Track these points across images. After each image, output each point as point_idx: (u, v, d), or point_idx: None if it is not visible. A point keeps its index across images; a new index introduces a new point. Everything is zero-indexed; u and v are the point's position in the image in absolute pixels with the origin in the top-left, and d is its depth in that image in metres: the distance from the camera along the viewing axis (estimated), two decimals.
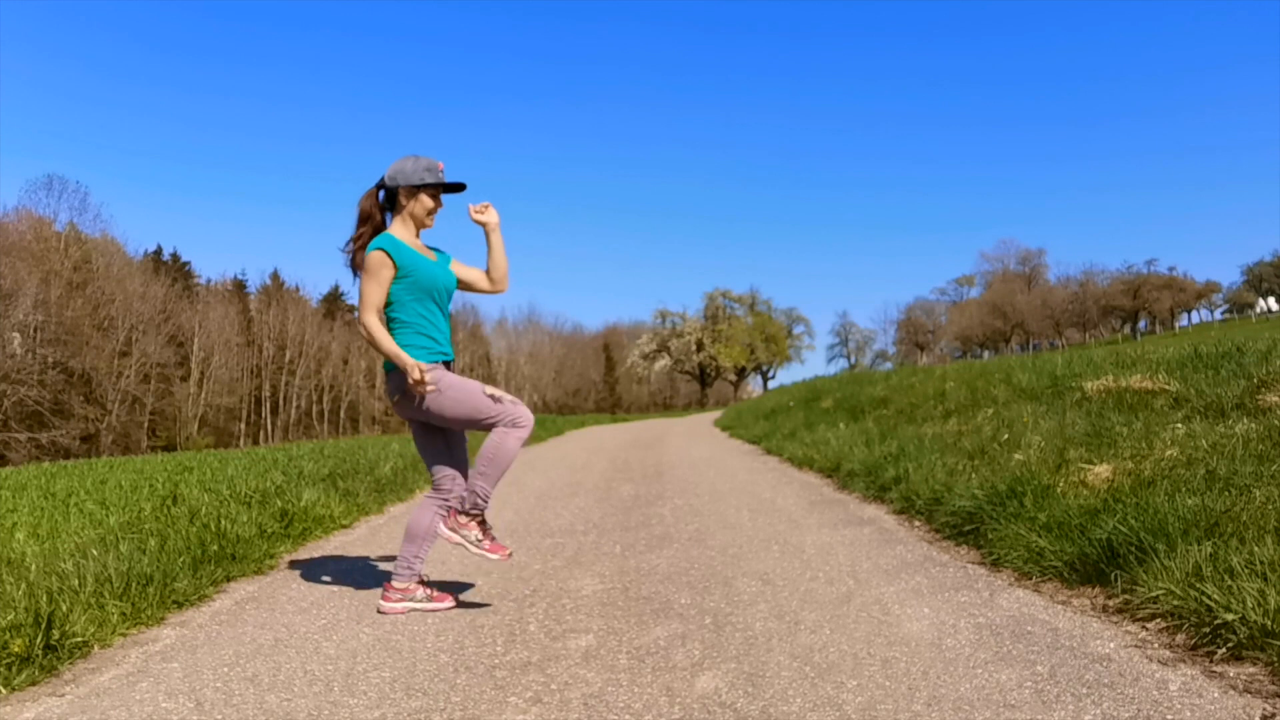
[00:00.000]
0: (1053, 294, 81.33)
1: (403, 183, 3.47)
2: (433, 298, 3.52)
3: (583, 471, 9.39)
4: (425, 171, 3.47)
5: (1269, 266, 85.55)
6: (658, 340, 70.78)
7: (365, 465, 8.80)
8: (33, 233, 45.50)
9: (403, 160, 3.49)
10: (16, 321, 39.08)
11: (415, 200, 3.49)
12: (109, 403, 43.99)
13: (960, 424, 7.47)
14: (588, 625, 3.22)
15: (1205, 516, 3.25)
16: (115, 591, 3.56)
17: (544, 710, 2.41)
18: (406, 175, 3.47)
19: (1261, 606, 2.48)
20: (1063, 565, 3.43)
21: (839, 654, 2.74)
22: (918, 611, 3.17)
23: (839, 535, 4.76)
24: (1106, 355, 9.73)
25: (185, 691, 2.68)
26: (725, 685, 2.52)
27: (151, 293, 49.41)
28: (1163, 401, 6.00)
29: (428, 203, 3.51)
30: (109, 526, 5.27)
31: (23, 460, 32.14)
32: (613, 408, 74.46)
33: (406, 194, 3.49)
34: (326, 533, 5.64)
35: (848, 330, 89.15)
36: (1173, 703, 2.21)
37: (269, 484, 7.10)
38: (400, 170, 3.48)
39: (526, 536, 5.23)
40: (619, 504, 6.51)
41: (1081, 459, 4.72)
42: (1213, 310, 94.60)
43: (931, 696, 2.34)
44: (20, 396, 37.72)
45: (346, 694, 2.60)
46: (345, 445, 15.54)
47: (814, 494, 6.56)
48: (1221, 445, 4.37)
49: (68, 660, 3.00)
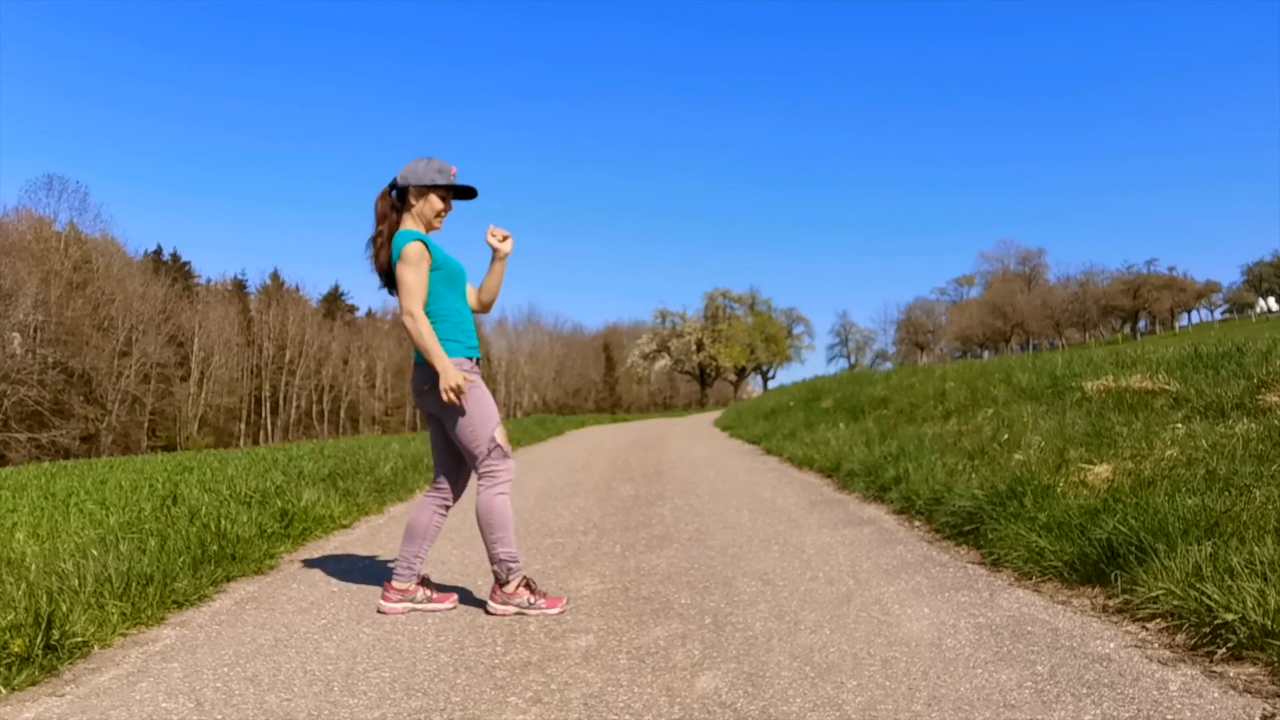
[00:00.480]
0: (1053, 294, 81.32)
1: (414, 182, 3.49)
2: (462, 288, 3.56)
3: (583, 471, 9.39)
4: (436, 173, 3.48)
5: (1269, 266, 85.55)
6: (658, 340, 70.75)
7: (365, 465, 8.80)
8: (33, 233, 45.49)
9: (416, 161, 3.51)
10: (16, 321, 39.08)
11: (425, 201, 3.50)
12: (109, 403, 43.99)
13: (960, 424, 7.47)
14: (588, 625, 3.23)
15: (1205, 516, 3.25)
16: (115, 591, 3.56)
17: (544, 710, 2.41)
18: (418, 175, 3.48)
19: (1261, 606, 2.48)
20: (1063, 565, 3.43)
21: (839, 654, 2.74)
22: (918, 611, 3.17)
23: (839, 535, 4.77)
24: (1106, 355, 9.73)
25: (185, 691, 2.68)
26: (725, 685, 2.52)
27: (151, 293, 49.41)
28: (1163, 401, 6.00)
29: (437, 204, 3.52)
30: (109, 526, 5.27)
31: (23, 460, 32.15)
32: (613, 408, 74.46)
33: (416, 194, 3.50)
34: (326, 533, 5.64)
35: (848, 330, 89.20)
36: (1173, 703, 2.21)
37: (269, 484, 7.10)
38: (412, 170, 3.49)
39: (526, 536, 5.23)
40: (619, 504, 6.51)
41: (1081, 459, 4.72)
42: (1213, 310, 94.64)
43: (931, 696, 2.35)
44: (20, 396, 37.72)
45: (346, 694, 2.60)
46: (345, 445, 15.55)
47: (814, 494, 6.56)
48: (1221, 445, 4.37)
49: (68, 660, 3.00)
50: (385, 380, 71.00)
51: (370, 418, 67.41)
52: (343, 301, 74.39)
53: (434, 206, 3.52)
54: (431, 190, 3.50)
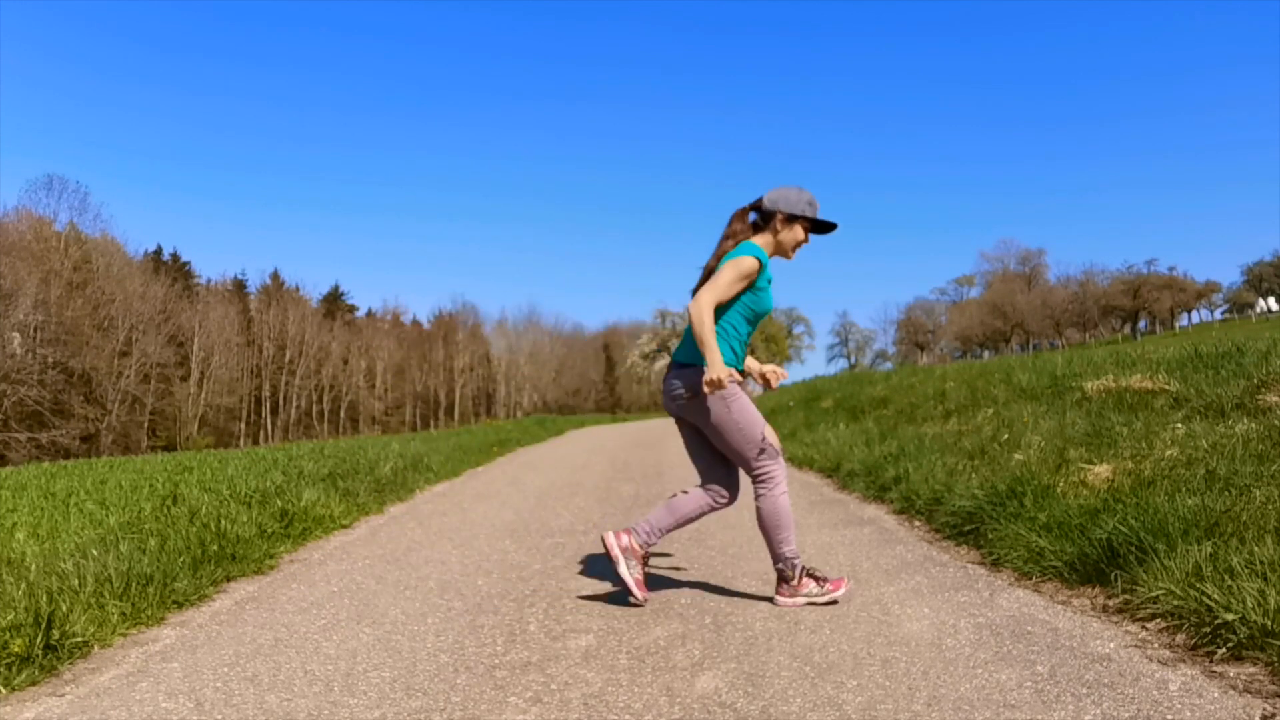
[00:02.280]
0: (1053, 294, 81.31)
1: (784, 209, 3.46)
2: (755, 322, 3.54)
3: (583, 471, 9.39)
4: (807, 205, 3.47)
5: (1269, 266, 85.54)
6: (658, 340, 70.66)
7: (365, 465, 8.79)
8: (33, 233, 45.51)
9: (787, 188, 3.50)
10: (16, 321, 39.08)
11: (790, 229, 3.48)
12: (109, 403, 44.00)
13: (960, 424, 7.47)
14: (588, 625, 3.23)
15: (1205, 516, 3.25)
16: (115, 591, 3.56)
17: (544, 710, 2.41)
18: (790, 203, 3.46)
19: (1261, 606, 2.48)
20: (1063, 565, 3.43)
21: (839, 654, 2.74)
22: (918, 611, 3.18)
23: (839, 535, 4.77)
24: (1106, 355, 9.73)
25: (185, 691, 2.68)
26: (725, 685, 2.52)
27: (151, 293, 49.44)
28: (1163, 401, 6.00)
29: (799, 234, 3.50)
30: (109, 526, 5.27)
31: (23, 460, 32.14)
32: (613, 408, 74.45)
33: (784, 220, 3.48)
34: (326, 533, 5.64)
35: (848, 330, 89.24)
36: (1173, 703, 2.21)
37: (269, 484, 7.10)
38: (784, 196, 3.48)
39: (526, 536, 5.23)
40: (619, 504, 6.51)
41: (1081, 459, 4.72)
42: (1213, 310, 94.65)
43: (931, 696, 2.35)
44: (20, 396, 37.72)
45: (346, 694, 2.60)
46: (345, 445, 15.53)
47: (814, 494, 6.56)
48: (1221, 445, 4.37)
49: (68, 660, 3.00)
50: (385, 380, 71.04)
51: (370, 418, 67.44)
52: (343, 301, 74.43)
53: (797, 237, 3.49)
54: (799, 221, 3.48)
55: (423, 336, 76.07)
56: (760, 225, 3.53)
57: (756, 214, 3.54)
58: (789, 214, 3.46)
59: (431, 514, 6.46)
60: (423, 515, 6.42)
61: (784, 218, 3.47)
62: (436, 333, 76.14)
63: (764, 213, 3.51)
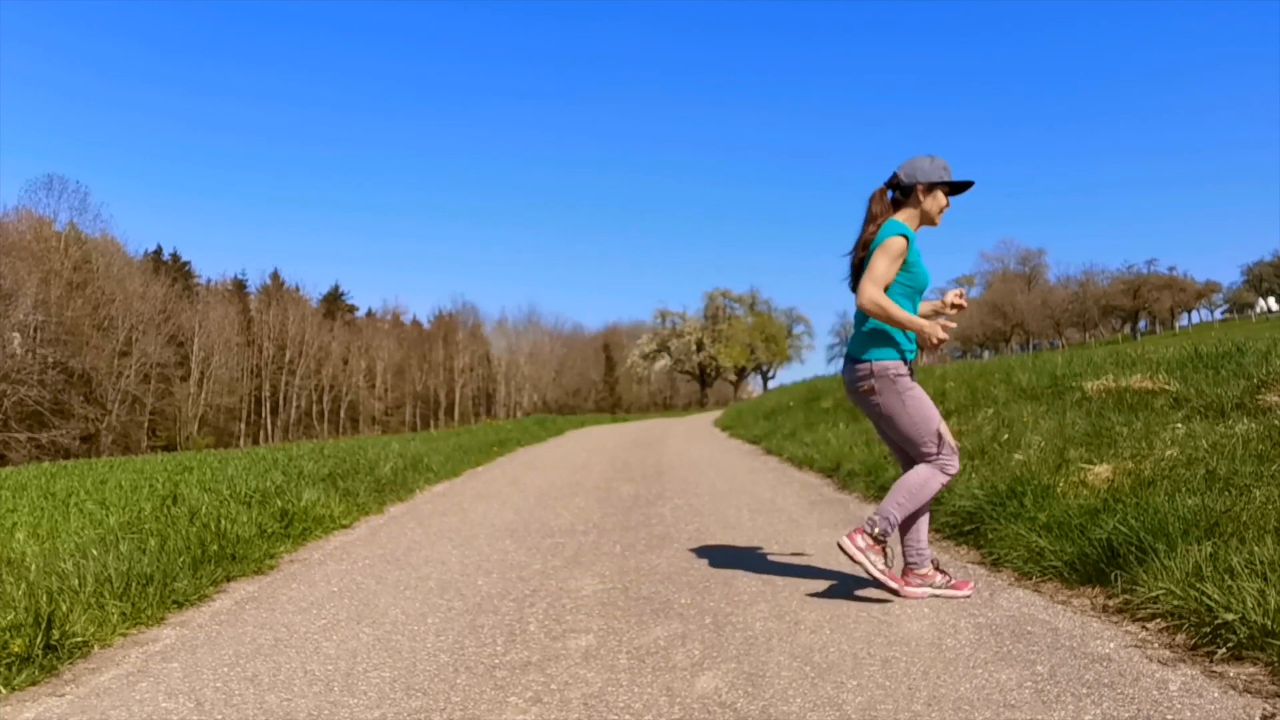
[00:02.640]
0: (1053, 294, 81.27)
1: (922, 179, 3.47)
2: (917, 297, 3.53)
3: (583, 471, 9.39)
4: (943, 170, 3.49)
5: (1269, 266, 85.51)
6: (658, 340, 70.74)
7: (365, 465, 8.79)
8: (33, 233, 45.49)
9: (919, 159, 3.51)
10: (16, 321, 39.08)
11: (932, 197, 3.49)
12: (109, 403, 43.99)
13: (960, 424, 7.47)
14: (588, 625, 3.23)
15: (1205, 516, 3.25)
16: (115, 591, 3.56)
17: (544, 710, 2.41)
18: (926, 172, 3.47)
19: (1261, 606, 2.48)
20: (1063, 565, 3.43)
21: (839, 654, 2.74)
22: (918, 611, 3.18)
23: (840, 535, 4.76)
24: (1106, 355, 9.73)
25: (185, 691, 2.68)
26: (725, 685, 2.52)
27: (151, 293, 49.41)
28: (1163, 401, 6.00)
29: (943, 200, 3.51)
30: (109, 526, 5.27)
31: (23, 460, 32.13)
32: (613, 408, 74.44)
33: (925, 190, 3.49)
34: (326, 533, 5.64)
35: (848, 330, 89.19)
36: (1173, 703, 2.21)
37: (269, 484, 7.10)
38: (918, 167, 3.49)
39: (526, 536, 5.23)
40: (619, 504, 6.51)
41: (1081, 459, 4.72)
42: (1213, 310, 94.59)
43: (931, 696, 2.35)
44: (20, 396, 37.71)
45: (346, 694, 2.60)
46: (345, 445, 15.53)
47: (814, 494, 6.56)
48: (1221, 445, 4.37)
49: (68, 660, 3.00)
50: (385, 380, 71.04)
51: (370, 418, 67.42)
52: (343, 301, 74.43)
53: (939, 203, 3.50)
54: (939, 187, 3.49)
55: (423, 336, 76.09)
56: (901, 201, 3.53)
57: (894, 191, 3.55)
58: (928, 183, 3.47)
59: (431, 514, 6.46)
60: (423, 515, 6.42)
61: (924, 188, 3.48)
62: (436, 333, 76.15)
63: (902, 187, 3.52)
